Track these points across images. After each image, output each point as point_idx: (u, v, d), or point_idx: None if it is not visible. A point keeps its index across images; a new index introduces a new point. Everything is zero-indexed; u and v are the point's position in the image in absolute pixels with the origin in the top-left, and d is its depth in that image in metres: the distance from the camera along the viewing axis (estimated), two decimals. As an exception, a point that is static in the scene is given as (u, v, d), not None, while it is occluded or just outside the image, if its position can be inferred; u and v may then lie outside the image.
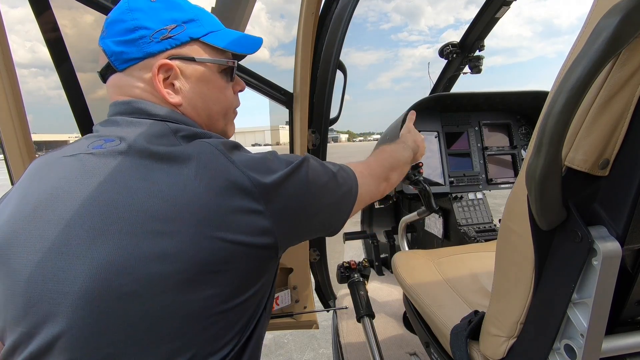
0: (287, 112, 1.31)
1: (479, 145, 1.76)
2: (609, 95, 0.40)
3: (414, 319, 0.99)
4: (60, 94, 1.00)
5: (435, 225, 1.86)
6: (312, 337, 2.31)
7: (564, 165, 0.44)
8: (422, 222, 1.98)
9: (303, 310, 1.50)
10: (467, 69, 1.98)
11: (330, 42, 1.28)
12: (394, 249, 2.02)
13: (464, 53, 1.90)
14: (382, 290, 1.94)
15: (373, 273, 1.99)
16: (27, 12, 0.92)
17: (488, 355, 0.60)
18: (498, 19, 1.68)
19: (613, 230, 0.42)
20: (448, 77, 2.06)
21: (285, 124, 1.39)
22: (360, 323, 1.24)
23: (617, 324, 0.49)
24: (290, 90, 1.27)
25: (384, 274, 2.04)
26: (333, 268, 1.53)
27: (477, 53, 1.88)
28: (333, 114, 1.42)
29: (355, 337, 1.58)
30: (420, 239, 2.05)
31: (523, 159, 1.19)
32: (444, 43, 1.95)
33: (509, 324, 0.55)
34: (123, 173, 0.46)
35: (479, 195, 1.75)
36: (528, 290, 0.51)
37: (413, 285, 0.96)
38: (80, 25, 1.07)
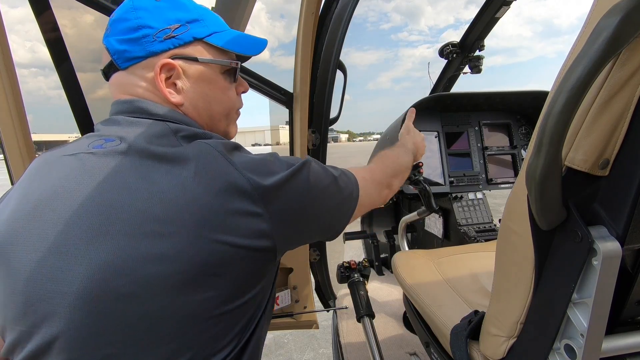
0: (287, 112, 1.31)
1: (479, 145, 1.76)
2: (609, 95, 0.40)
3: (414, 319, 0.99)
4: (60, 94, 1.00)
5: (435, 225, 1.85)
6: (312, 337, 2.31)
7: (564, 165, 0.44)
8: (422, 222, 1.98)
9: (303, 310, 1.49)
10: (467, 69, 1.98)
11: (330, 42, 1.28)
12: (394, 249, 2.02)
13: (464, 53, 1.90)
14: (382, 290, 1.94)
15: (373, 273, 1.99)
16: (27, 12, 0.92)
17: (488, 355, 0.60)
18: (498, 19, 1.68)
19: (613, 230, 0.42)
20: (448, 77, 2.06)
21: (285, 124, 1.39)
22: (360, 323, 1.24)
23: (617, 324, 0.49)
24: (290, 90, 1.27)
25: (384, 274, 2.04)
26: (333, 268, 1.53)
27: (477, 53, 1.88)
28: (333, 114, 1.41)
29: (355, 337, 1.58)
30: (420, 239, 2.05)
31: (523, 159, 1.19)
32: (444, 43, 1.95)
33: (509, 324, 0.55)
34: (122, 173, 0.46)
35: (479, 195, 1.75)
36: (528, 290, 0.51)
37: (413, 285, 0.96)
38: (80, 25, 1.07)
